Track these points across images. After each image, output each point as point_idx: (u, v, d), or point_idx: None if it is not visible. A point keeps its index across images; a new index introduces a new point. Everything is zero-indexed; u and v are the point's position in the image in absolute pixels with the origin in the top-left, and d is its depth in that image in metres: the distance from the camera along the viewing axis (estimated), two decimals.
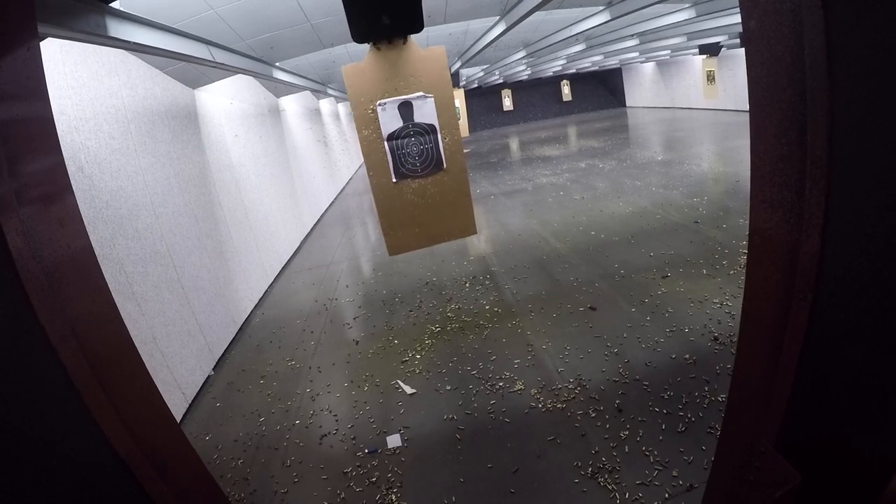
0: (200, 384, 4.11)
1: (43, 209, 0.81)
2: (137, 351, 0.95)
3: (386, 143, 2.94)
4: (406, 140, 2.96)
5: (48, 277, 0.77)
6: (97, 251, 1.07)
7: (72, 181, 0.94)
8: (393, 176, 3.01)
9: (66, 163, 0.92)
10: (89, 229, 2.19)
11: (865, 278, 0.79)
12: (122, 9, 2.69)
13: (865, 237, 0.77)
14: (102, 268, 0.95)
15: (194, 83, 5.16)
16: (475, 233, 3.31)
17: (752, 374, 1.11)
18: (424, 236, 3.19)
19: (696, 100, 18.18)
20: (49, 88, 0.91)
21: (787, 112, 0.83)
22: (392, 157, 2.96)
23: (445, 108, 3.01)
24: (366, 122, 2.89)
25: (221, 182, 5.43)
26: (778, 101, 0.85)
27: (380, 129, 2.90)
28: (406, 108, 2.93)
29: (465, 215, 3.22)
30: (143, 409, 0.96)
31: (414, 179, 3.05)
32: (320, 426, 3.36)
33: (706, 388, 3.03)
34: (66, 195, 0.85)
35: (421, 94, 2.91)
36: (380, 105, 2.87)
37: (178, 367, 3.76)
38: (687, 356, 3.40)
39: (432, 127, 2.98)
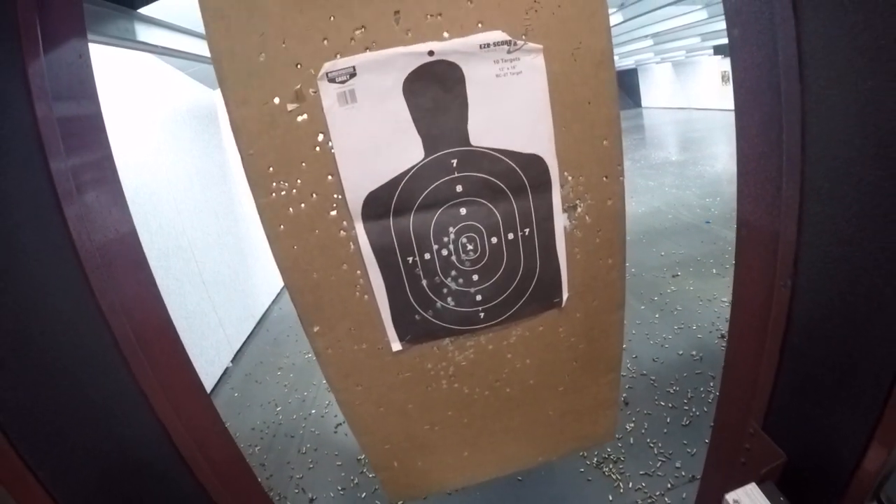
0: (219, 375, 4.23)
1: (96, 197, 0.91)
2: (175, 328, 1.05)
3: (361, 232, 0.82)
4: (436, 215, 0.83)
5: (102, 257, 0.87)
6: None
7: None
8: (394, 336, 0.92)
9: None
10: None
11: (838, 263, 0.86)
12: (149, 14, 2.82)
13: (836, 225, 0.84)
14: None
15: (215, 84, 5.30)
16: (612, 437, 1.28)
17: (741, 360, 1.18)
18: (486, 465, 1.20)
19: (711, 100, 18.03)
20: None
21: (767, 113, 0.91)
22: (389, 275, 0.86)
23: (586, 96, 0.82)
24: (272, 155, 0.75)
25: (241, 180, 5.55)
26: (759, 104, 0.92)
27: (333, 178, 0.77)
28: (434, 94, 0.74)
29: (597, 409, 1.18)
30: (182, 382, 1.06)
31: (463, 339, 0.96)
32: (335, 415, 3.45)
33: (711, 384, 3.07)
34: (115, 184, 0.96)
35: (498, 36, 0.72)
36: (331, 81, 0.71)
37: (197, 359, 3.89)
38: (694, 353, 3.45)
39: (536, 166, 0.82)
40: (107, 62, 3.34)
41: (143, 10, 2.76)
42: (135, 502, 0.99)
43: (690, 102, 20.20)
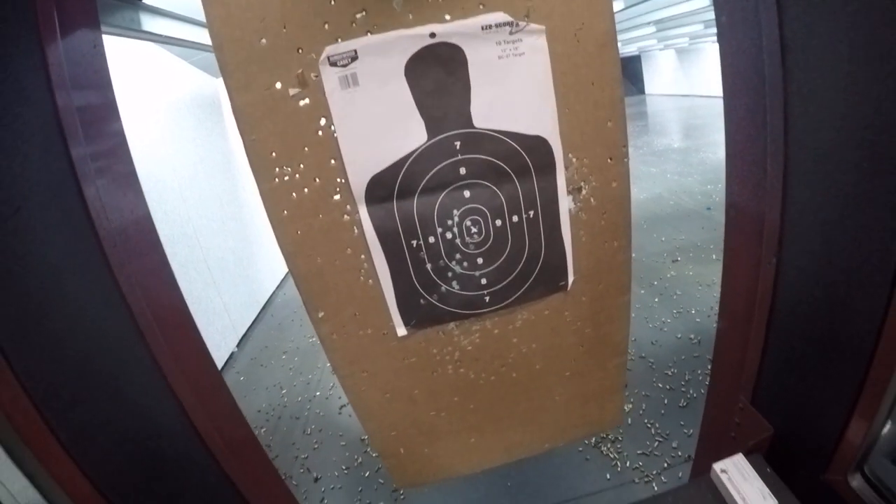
0: (225, 360, 4.31)
1: (112, 181, 0.95)
2: (187, 306, 1.10)
3: (365, 216, 0.82)
4: (440, 198, 0.82)
5: (119, 237, 0.92)
6: None
7: None
8: (399, 321, 0.92)
9: None
10: None
11: (820, 243, 0.90)
12: (154, 4, 2.84)
13: (818, 205, 0.88)
14: None
15: (218, 72, 5.31)
16: (619, 422, 1.30)
17: (731, 337, 1.22)
18: (493, 451, 1.17)
19: (714, 88, 17.87)
20: None
21: (753, 97, 0.95)
22: (393, 259, 0.85)
23: (589, 77, 0.80)
24: (275, 141, 0.76)
25: (245, 167, 5.59)
26: (746, 88, 0.96)
27: (336, 162, 0.78)
28: (436, 76, 0.74)
29: (604, 393, 1.18)
30: (194, 357, 1.11)
31: (469, 324, 0.95)
32: (339, 397, 3.51)
33: (709, 367, 3.09)
34: (129, 170, 1.00)
35: (500, 17, 0.72)
36: (333, 64, 0.70)
37: None
38: (692, 336, 3.51)
39: (540, 147, 0.81)
40: (111, 52, 3.36)
41: (148, 1, 2.79)
42: (149, 469, 1.04)
43: (694, 89, 20.05)
